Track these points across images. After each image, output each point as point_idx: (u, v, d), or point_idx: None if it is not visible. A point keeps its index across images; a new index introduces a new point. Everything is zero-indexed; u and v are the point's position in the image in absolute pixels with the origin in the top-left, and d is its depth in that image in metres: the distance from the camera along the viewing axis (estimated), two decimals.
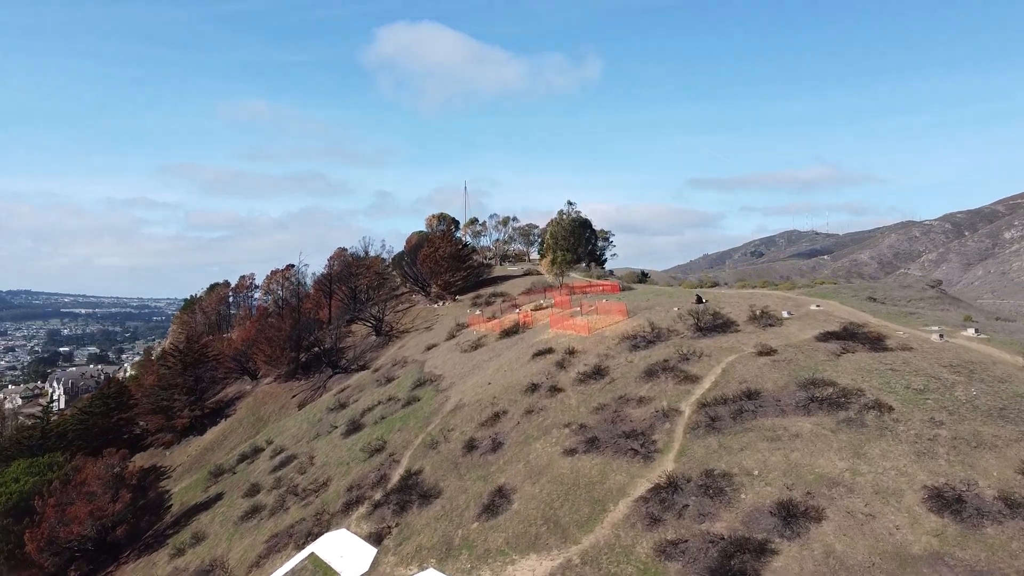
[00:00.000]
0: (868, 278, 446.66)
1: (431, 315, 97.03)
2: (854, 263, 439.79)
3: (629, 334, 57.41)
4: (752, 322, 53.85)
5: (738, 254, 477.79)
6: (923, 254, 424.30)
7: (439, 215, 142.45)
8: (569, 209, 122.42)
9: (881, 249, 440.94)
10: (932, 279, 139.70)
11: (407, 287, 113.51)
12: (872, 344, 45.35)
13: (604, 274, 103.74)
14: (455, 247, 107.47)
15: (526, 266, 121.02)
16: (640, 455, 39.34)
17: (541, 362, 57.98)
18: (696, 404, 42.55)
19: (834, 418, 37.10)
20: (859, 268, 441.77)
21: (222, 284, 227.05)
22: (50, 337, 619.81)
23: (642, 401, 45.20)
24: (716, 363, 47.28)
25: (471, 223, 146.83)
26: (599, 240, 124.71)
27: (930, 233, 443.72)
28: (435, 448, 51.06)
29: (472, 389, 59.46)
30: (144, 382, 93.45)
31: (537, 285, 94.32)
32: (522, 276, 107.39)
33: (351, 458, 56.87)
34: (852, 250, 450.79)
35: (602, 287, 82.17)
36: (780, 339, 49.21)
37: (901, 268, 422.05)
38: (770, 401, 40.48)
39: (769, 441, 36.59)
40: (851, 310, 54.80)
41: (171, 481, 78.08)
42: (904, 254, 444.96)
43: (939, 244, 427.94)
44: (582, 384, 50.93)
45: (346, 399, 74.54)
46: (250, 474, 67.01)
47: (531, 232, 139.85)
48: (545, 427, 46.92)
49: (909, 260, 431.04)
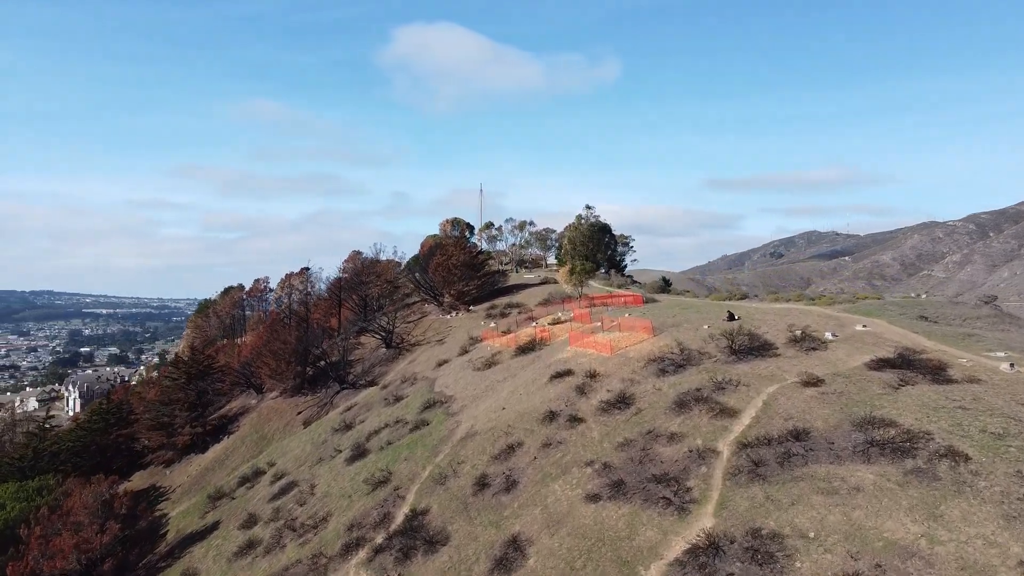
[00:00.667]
0: (890, 280, 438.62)
1: (443, 327, 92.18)
2: (876, 264, 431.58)
3: (656, 356, 52.31)
4: (793, 345, 48.60)
5: (757, 255, 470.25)
6: (947, 255, 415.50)
7: (453, 220, 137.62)
8: (587, 214, 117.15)
9: (903, 250, 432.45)
10: (986, 295, 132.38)
11: (419, 296, 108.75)
12: (933, 375, 39.98)
13: (625, 283, 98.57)
14: (469, 254, 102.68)
15: (543, 273, 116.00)
16: (673, 506, 34.27)
17: (560, 385, 53.01)
18: (735, 444, 37.42)
19: (900, 468, 31.84)
20: (881, 269, 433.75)
21: (236, 287, 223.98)
22: (71, 337, 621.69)
23: (673, 438, 40.10)
24: (755, 394, 42.10)
25: (486, 227, 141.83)
26: (619, 245, 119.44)
27: (954, 234, 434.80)
28: (443, 483, 46.23)
29: (485, 414, 54.57)
30: (146, 396, 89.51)
31: (555, 295, 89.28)
32: (539, 285, 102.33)
33: (353, 490, 52.12)
34: (873, 251, 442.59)
35: (624, 299, 76.99)
36: (826, 366, 43.93)
37: (924, 269, 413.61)
38: (821, 443, 35.27)
39: (825, 495, 31.39)
40: (902, 331, 49.37)
41: (169, 503, 73.80)
42: (927, 255, 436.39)
43: (963, 245, 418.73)
44: (605, 414, 45.91)
45: (352, 419, 69.87)
46: (249, 501, 62.48)
47: (548, 237, 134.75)
48: (564, 464, 41.96)
49: (932, 261, 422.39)
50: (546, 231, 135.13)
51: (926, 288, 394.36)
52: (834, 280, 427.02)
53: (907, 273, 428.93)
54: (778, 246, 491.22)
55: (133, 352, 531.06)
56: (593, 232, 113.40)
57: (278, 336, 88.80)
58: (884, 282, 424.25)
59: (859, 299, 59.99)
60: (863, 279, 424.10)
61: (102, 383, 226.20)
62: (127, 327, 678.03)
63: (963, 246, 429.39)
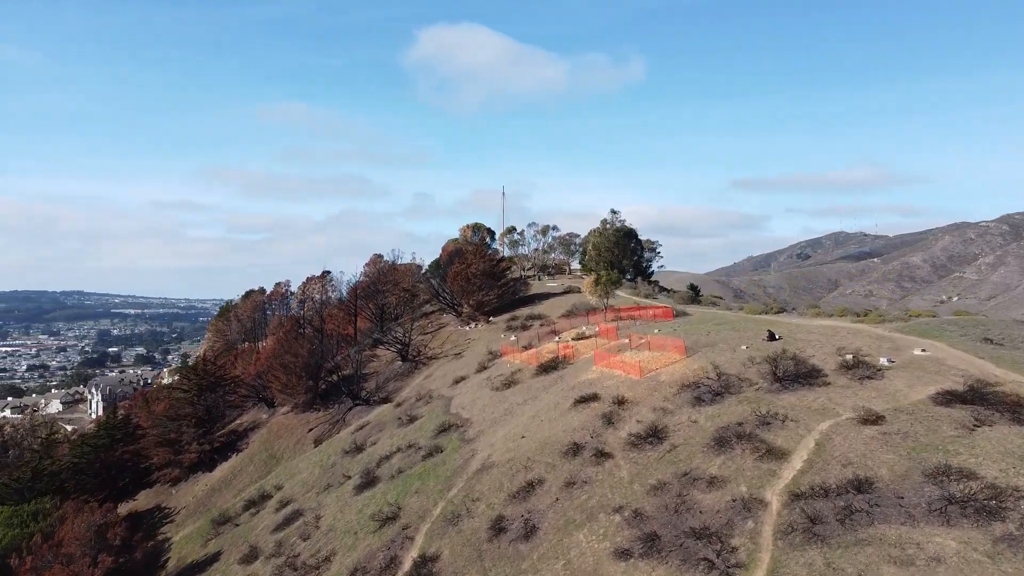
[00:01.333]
0: (920, 282, 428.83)
1: (461, 339, 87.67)
2: (905, 266, 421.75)
3: (690, 381, 47.40)
4: (844, 372, 43.45)
5: (783, 256, 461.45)
6: (979, 257, 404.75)
7: (473, 225, 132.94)
8: (613, 218, 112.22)
9: (934, 252, 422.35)
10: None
11: (437, 304, 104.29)
12: (1013, 412, 34.74)
13: (652, 292, 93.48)
14: (489, 262, 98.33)
15: (566, 280, 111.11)
16: (717, 570, 29.43)
17: (584, 412, 48.28)
18: (786, 494, 32.48)
19: (987, 534, 26.79)
20: (911, 271, 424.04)
21: (257, 291, 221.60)
22: (100, 337, 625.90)
23: (713, 483, 35.23)
24: (806, 432, 37.08)
25: (508, 232, 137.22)
26: (644, 251, 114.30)
27: (986, 235, 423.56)
28: (456, 524, 41.68)
29: (503, 442, 49.96)
30: (154, 409, 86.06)
31: (579, 307, 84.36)
32: (562, 294, 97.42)
33: (360, 526, 47.71)
34: (903, 252, 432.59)
35: (653, 312, 71.94)
36: (885, 399, 38.80)
37: (955, 272, 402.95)
38: (889, 497, 30.25)
39: (898, 565, 26.40)
40: (966, 356, 44.02)
41: (173, 527, 69.92)
42: (958, 257, 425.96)
43: (996, 247, 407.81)
44: (635, 449, 41.10)
45: (363, 440, 65.55)
46: (252, 529, 58.34)
47: (572, 241, 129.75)
48: (590, 509, 37.23)
49: (964, 263, 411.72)
50: (570, 236, 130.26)
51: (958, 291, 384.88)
52: (862, 282, 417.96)
53: (938, 275, 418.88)
54: (804, 247, 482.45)
55: (159, 352, 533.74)
56: (619, 238, 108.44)
57: (289, 348, 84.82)
58: (914, 284, 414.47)
59: (912, 316, 54.67)
60: (892, 281, 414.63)
61: (125, 386, 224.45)
62: (154, 327, 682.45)
63: (996, 247, 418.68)
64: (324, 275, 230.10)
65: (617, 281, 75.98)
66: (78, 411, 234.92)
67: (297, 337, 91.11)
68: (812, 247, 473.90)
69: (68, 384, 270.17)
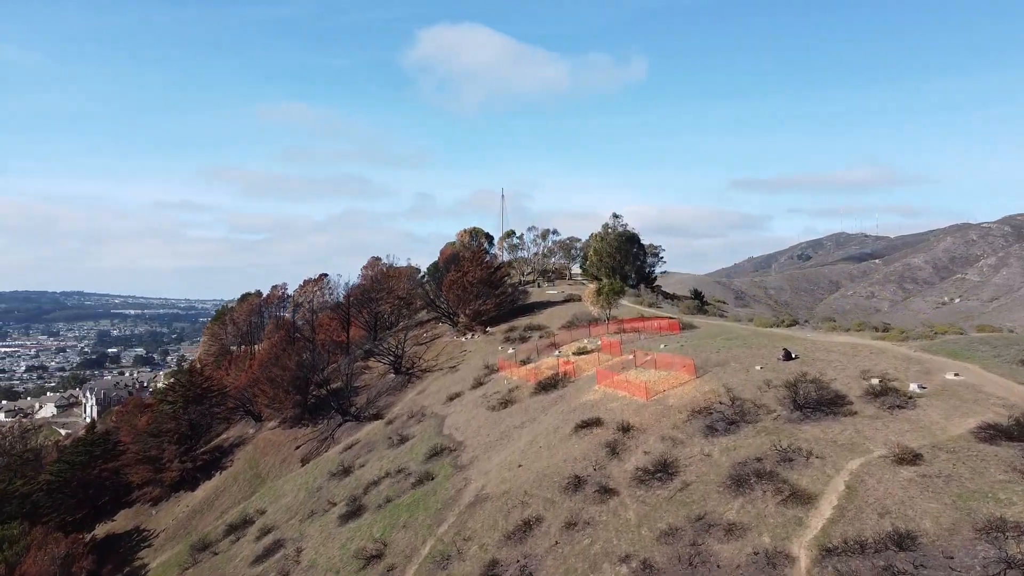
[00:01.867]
0: (922, 283, 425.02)
1: (457, 351, 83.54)
2: (907, 268, 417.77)
3: (701, 405, 43.44)
4: (871, 399, 39.45)
5: (784, 257, 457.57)
6: (981, 258, 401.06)
7: (471, 230, 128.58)
8: (615, 222, 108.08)
9: (936, 253, 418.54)
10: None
11: (433, 312, 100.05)
12: None
13: (656, 300, 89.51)
14: (486, 270, 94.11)
15: (566, 287, 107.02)
16: None
17: (587, 439, 44.35)
18: (816, 547, 28.54)
19: None
20: (912, 273, 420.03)
21: (254, 294, 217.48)
22: (100, 338, 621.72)
23: (732, 531, 31.27)
24: (834, 471, 33.11)
25: (507, 236, 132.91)
26: (647, 256, 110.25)
27: (988, 236, 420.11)
28: (445, 567, 37.74)
29: (498, 471, 46.03)
30: (136, 424, 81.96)
31: (580, 317, 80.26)
32: (562, 303, 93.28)
33: (342, 564, 43.73)
34: (904, 254, 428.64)
35: (658, 324, 67.86)
36: (920, 433, 34.81)
37: (957, 273, 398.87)
38: (936, 556, 26.27)
39: None
40: (1004, 382, 40.00)
41: (151, 551, 65.92)
42: (960, 258, 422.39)
43: (998, 248, 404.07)
44: (643, 486, 37.14)
45: (352, 461, 61.57)
46: (230, 560, 54.34)
47: (572, 246, 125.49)
48: (593, 557, 33.27)
49: (966, 265, 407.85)
50: (570, 240, 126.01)
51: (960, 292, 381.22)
52: (864, 284, 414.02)
53: (939, 276, 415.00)
54: (805, 248, 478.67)
55: (159, 353, 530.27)
56: (620, 243, 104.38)
57: (277, 361, 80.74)
58: (915, 285, 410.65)
59: (938, 333, 50.62)
60: (894, 283, 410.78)
61: (120, 389, 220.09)
62: (154, 328, 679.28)
63: (998, 249, 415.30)
64: (321, 278, 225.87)
65: (620, 291, 71.85)
66: (72, 415, 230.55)
67: (286, 348, 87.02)
68: (813, 248, 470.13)
69: (64, 386, 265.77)
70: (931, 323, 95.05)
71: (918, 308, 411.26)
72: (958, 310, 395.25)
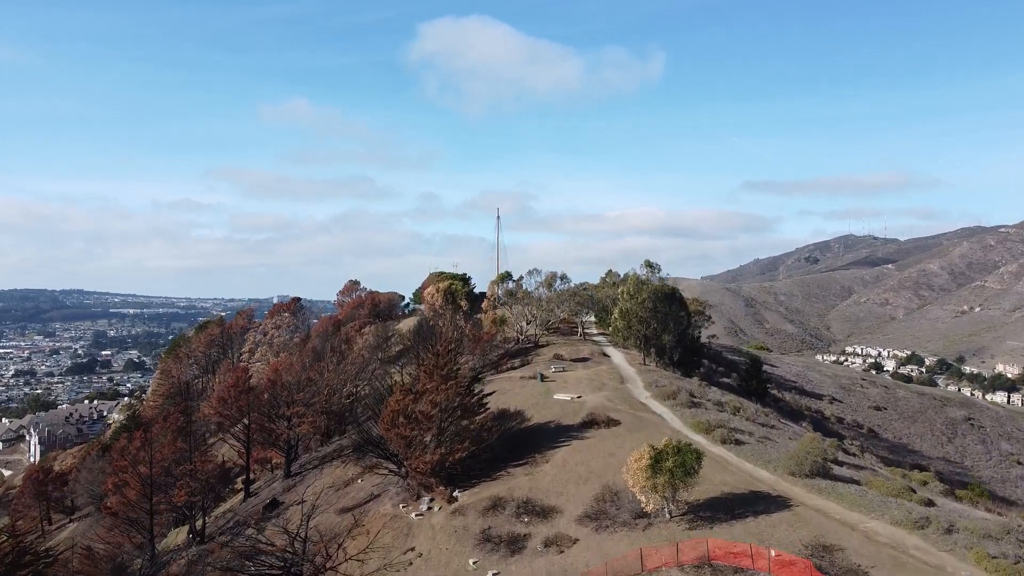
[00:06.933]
0: (939, 290, 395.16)
1: (400, 540, 46.69)
2: (922, 274, 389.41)
3: None
4: None
5: (791, 259, 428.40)
6: (1000, 265, 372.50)
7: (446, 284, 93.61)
8: (649, 274, 77.36)
9: (952, 259, 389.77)
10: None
11: (370, 451, 59.14)
12: None
13: (741, 407, 58.26)
14: (457, 389, 53.36)
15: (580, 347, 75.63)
16: None
17: None
18: None
19: None
20: (928, 279, 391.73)
21: (214, 322, 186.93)
22: (96, 339, 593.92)
23: None
24: None
25: (502, 279, 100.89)
26: (690, 316, 79.78)
27: (1007, 241, 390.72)
28: None
29: None
30: None
31: (614, 485, 46.89)
32: (581, 428, 55.95)
33: None
34: (919, 259, 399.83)
35: (771, 565, 34.72)
36: None
37: (976, 280, 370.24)
38: None
39: None
40: None
41: None
42: (978, 264, 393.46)
43: (1018, 254, 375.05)
44: None
45: None
46: None
47: (586, 296, 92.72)
48: None
49: (984, 271, 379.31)
50: (584, 286, 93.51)
51: (980, 301, 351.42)
52: (877, 290, 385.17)
53: (956, 283, 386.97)
54: (813, 250, 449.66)
55: (152, 357, 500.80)
56: (657, 301, 73.82)
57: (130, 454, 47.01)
58: (932, 293, 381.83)
59: None
60: (909, 289, 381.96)
61: (69, 425, 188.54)
62: (152, 328, 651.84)
63: (1018, 255, 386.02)
64: (294, 302, 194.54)
65: (692, 469, 37.79)
66: (19, 451, 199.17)
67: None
68: (820, 250, 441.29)
69: (21, 412, 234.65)
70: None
71: (936, 317, 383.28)
72: (979, 320, 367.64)
